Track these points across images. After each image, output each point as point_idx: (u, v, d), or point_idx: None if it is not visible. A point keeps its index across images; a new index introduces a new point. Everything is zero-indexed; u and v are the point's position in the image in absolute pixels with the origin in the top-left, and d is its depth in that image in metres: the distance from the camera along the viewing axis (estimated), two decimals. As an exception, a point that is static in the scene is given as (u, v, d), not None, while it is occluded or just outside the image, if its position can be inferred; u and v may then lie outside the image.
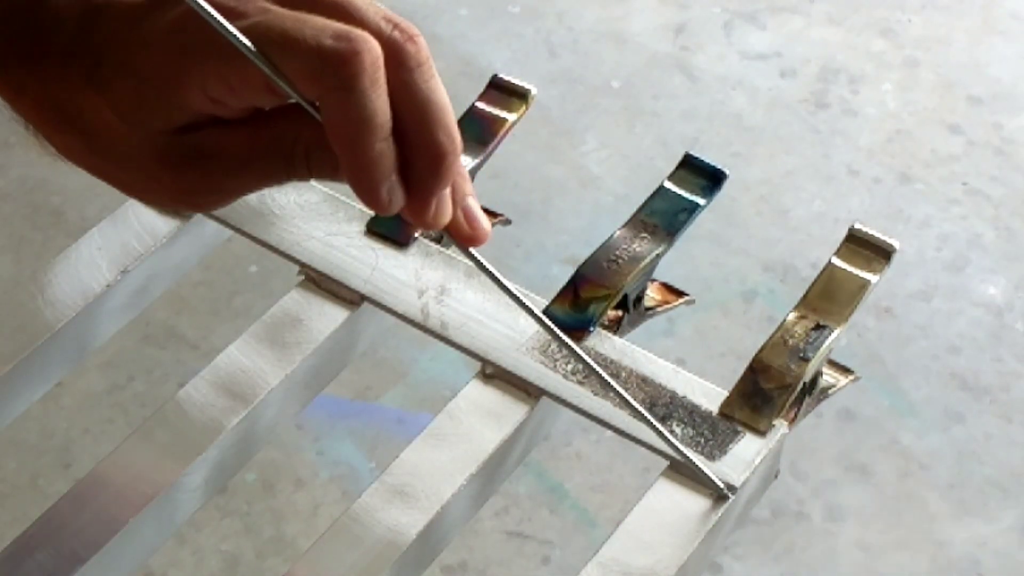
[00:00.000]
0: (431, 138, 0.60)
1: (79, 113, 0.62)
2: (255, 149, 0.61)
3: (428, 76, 0.60)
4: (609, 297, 0.88)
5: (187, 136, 0.61)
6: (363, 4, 0.60)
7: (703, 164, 0.93)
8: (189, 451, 0.82)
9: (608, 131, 2.15)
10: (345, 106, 0.58)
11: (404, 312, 0.88)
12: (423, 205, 0.61)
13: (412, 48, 0.60)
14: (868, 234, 0.89)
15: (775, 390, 0.84)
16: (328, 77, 0.58)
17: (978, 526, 1.74)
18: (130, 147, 0.62)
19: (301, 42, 0.58)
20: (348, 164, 0.59)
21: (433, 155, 0.60)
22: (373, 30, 0.59)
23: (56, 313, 0.87)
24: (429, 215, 0.61)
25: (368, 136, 0.59)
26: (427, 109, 0.60)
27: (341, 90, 0.58)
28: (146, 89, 0.60)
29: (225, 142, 0.61)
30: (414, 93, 0.60)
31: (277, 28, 0.58)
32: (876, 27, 2.31)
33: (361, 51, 0.58)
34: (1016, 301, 1.96)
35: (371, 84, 0.58)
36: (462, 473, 0.82)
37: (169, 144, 0.61)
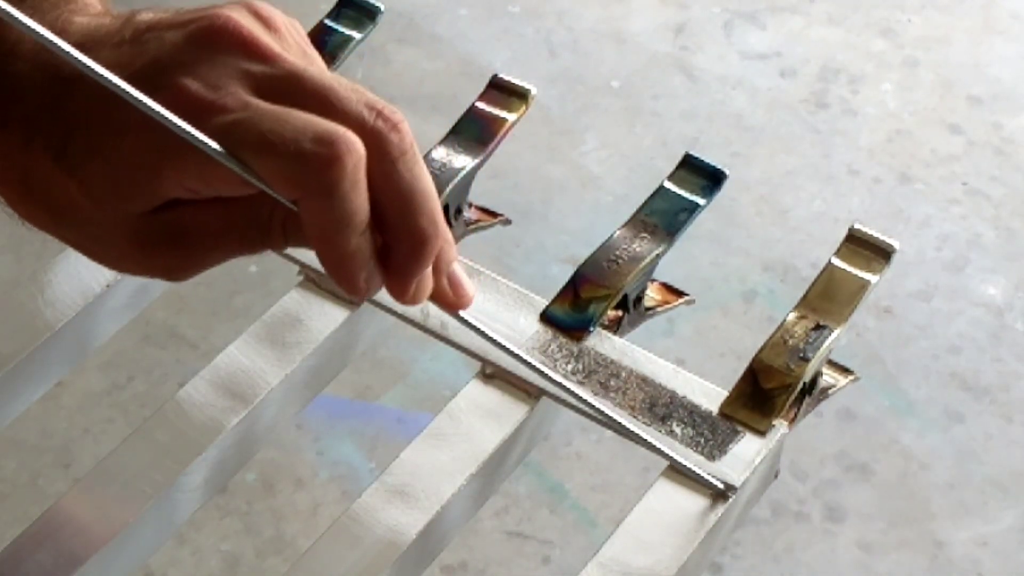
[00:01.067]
0: (413, 227, 0.60)
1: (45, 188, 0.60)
2: (231, 223, 0.60)
3: (411, 164, 0.59)
4: (609, 297, 0.88)
5: (160, 215, 0.60)
6: (345, 93, 0.59)
7: (703, 164, 0.93)
8: (189, 451, 0.82)
9: (608, 131, 2.15)
10: (325, 210, 0.57)
11: (404, 312, 0.88)
12: (403, 287, 0.61)
13: (395, 138, 0.59)
14: (868, 234, 0.89)
15: (775, 390, 0.84)
16: (308, 182, 0.57)
17: (978, 526, 1.74)
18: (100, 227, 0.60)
19: (280, 146, 0.56)
20: (325, 258, 0.59)
21: (415, 243, 0.60)
22: (355, 121, 0.58)
23: (56, 313, 0.87)
24: (409, 295, 0.61)
25: (346, 234, 0.58)
26: (410, 198, 0.59)
27: (321, 195, 0.57)
28: (119, 176, 0.58)
29: (200, 219, 0.60)
30: (396, 183, 0.59)
31: (255, 130, 0.57)
32: (876, 27, 2.31)
33: (342, 155, 0.57)
34: (1016, 301, 1.96)
35: (351, 187, 0.57)
36: (462, 473, 0.82)
37: (141, 224, 0.60)
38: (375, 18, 0.99)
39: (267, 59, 0.59)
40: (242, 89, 0.58)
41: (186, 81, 0.58)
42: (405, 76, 2.21)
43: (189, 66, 0.58)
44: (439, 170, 0.92)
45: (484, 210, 0.96)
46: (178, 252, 0.61)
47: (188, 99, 0.57)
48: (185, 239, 0.60)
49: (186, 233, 0.60)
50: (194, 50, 0.58)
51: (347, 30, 0.98)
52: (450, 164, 0.93)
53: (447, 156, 0.93)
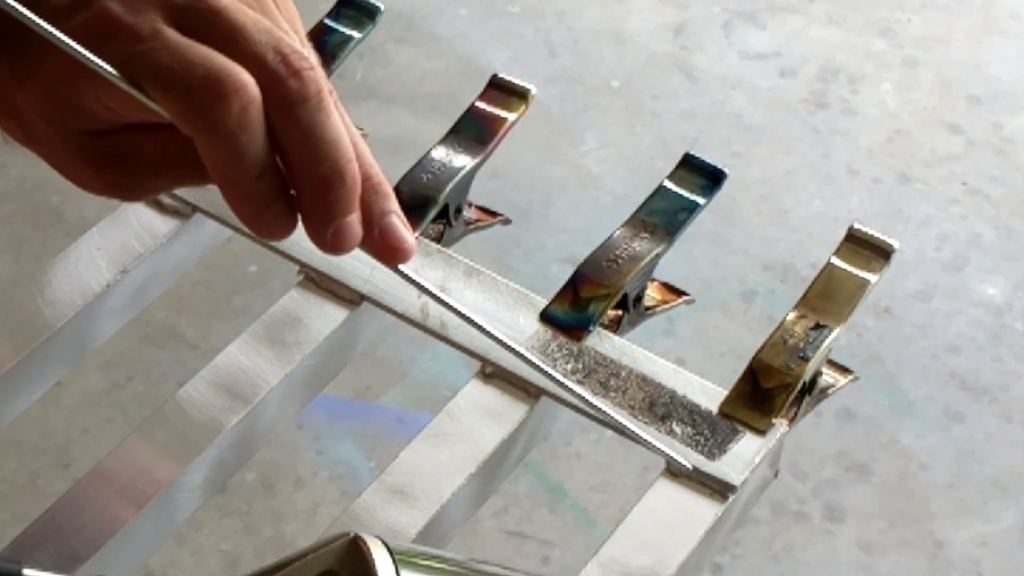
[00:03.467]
0: (313, 173, 0.60)
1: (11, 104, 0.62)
2: (169, 154, 0.62)
3: (313, 111, 0.60)
4: (609, 296, 0.88)
5: (104, 138, 0.62)
6: (255, 33, 0.60)
7: (703, 164, 0.93)
8: (189, 451, 0.82)
9: (608, 131, 2.15)
10: (213, 146, 0.59)
11: (404, 312, 0.88)
12: (318, 233, 0.61)
13: (295, 84, 0.59)
14: (867, 234, 0.89)
15: (775, 389, 0.84)
16: (195, 119, 0.58)
17: (978, 526, 1.74)
18: (54, 142, 0.62)
19: (171, 80, 0.58)
20: (225, 196, 0.60)
21: (316, 189, 0.60)
22: (256, 63, 0.59)
23: (56, 313, 0.87)
24: (326, 243, 0.61)
25: (239, 174, 0.59)
26: (309, 144, 0.60)
27: (207, 132, 0.58)
28: (54, 92, 0.61)
29: (140, 146, 0.62)
30: (295, 129, 0.60)
31: (155, 62, 0.58)
32: (876, 27, 2.31)
33: (227, 95, 0.58)
34: (1016, 301, 1.96)
35: (239, 127, 0.58)
36: (462, 473, 0.82)
37: (87, 144, 0.62)
38: (375, 18, 0.99)
39: None
40: (160, 19, 0.60)
41: (110, 4, 0.60)
42: (405, 76, 2.21)
43: None
44: (439, 170, 0.92)
45: (484, 210, 0.96)
46: (123, 174, 0.63)
47: (107, 21, 0.59)
48: (128, 162, 0.62)
49: (129, 156, 0.62)
50: None
51: (347, 30, 0.98)
52: (450, 164, 0.93)
53: (447, 156, 0.93)
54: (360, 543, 0.58)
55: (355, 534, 0.58)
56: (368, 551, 0.57)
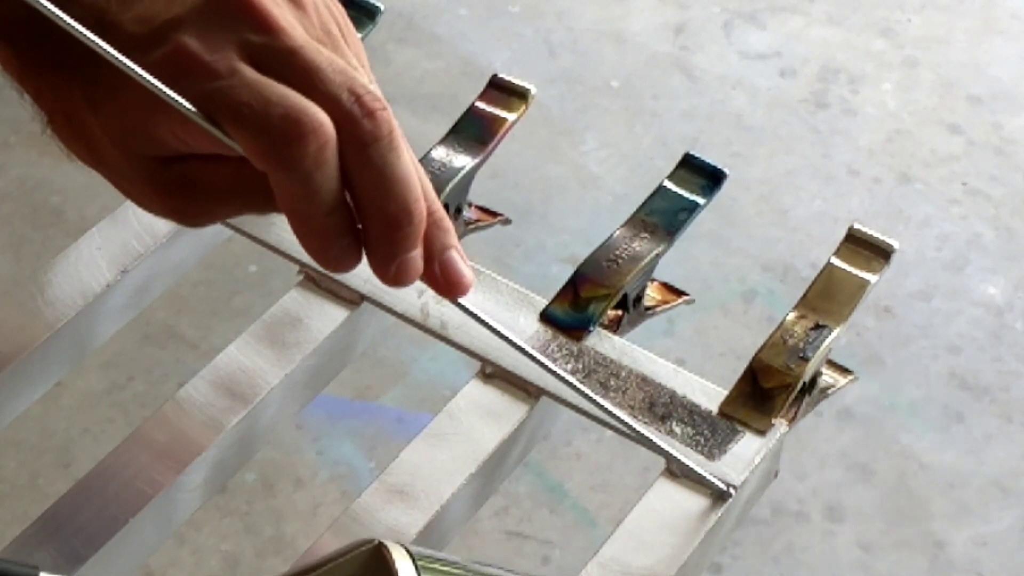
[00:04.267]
0: (383, 211, 0.61)
1: (82, 126, 0.63)
2: (238, 183, 0.63)
3: (385, 151, 0.61)
4: (609, 296, 0.88)
5: (173, 165, 0.63)
6: (330, 73, 0.61)
7: (703, 164, 0.93)
8: (189, 451, 0.82)
9: (608, 131, 2.15)
10: (288, 184, 0.60)
11: (404, 312, 0.88)
12: (382, 268, 0.63)
13: (369, 124, 0.60)
14: (867, 234, 0.89)
15: (775, 389, 0.84)
16: (272, 157, 0.59)
17: (978, 526, 1.74)
18: (122, 167, 0.63)
19: (250, 118, 0.59)
20: (295, 230, 0.61)
21: (385, 226, 0.62)
22: (332, 102, 0.60)
23: (56, 313, 0.87)
24: (389, 277, 0.63)
25: (311, 210, 0.60)
26: (380, 184, 0.61)
27: (284, 170, 0.59)
28: (126, 119, 0.62)
29: (209, 174, 0.63)
30: (367, 168, 0.61)
31: (234, 99, 0.59)
32: (876, 27, 2.31)
33: (305, 135, 0.59)
34: (1016, 301, 1.96)
35: (314, 166, 0.59)
36: (462, 473, 0.82)
37: (155, 170, 0.63)
38: (375, 18, 0.99)
39: (270, 31, 0.61)
40: (237, 56, 0.60)
41: (187, 39, 0.60)
42: (405, 76, 2.21)
43: (197, 26, 0.61)
44: (439, 170, 0.92)
45: (484, 210, 0.96)
46: (189, 201, 0.64)
47: (184, 57, 0.60)
48: (195, 190, 0.63)
49: (196, 185, 0.63)
50: (208, 12, 0.61)
51: (347, 30, 0.98)
52: (450, 164, 0.93)
53: (447, 156, 0.93)
54: (384, 550, 0.58)
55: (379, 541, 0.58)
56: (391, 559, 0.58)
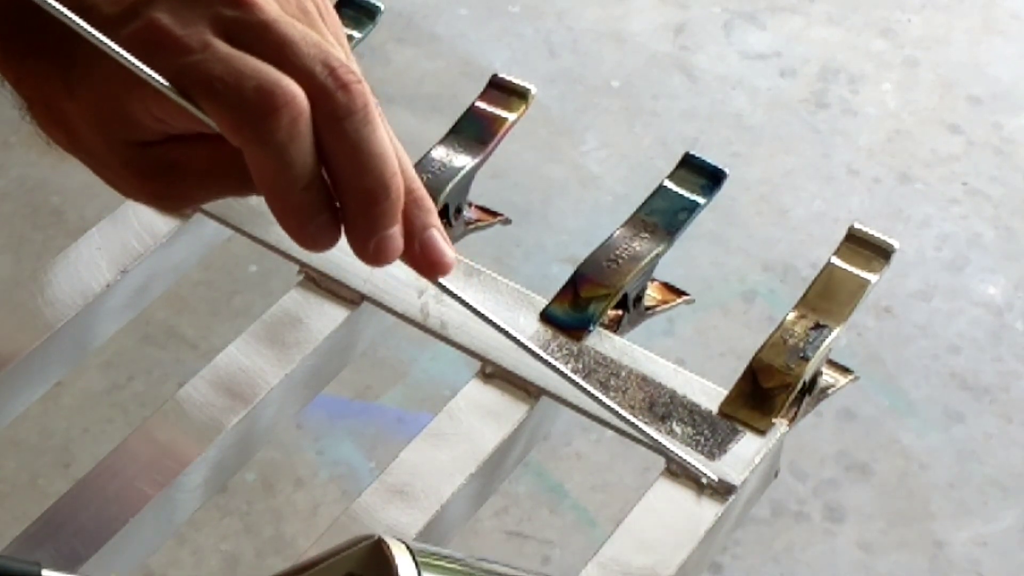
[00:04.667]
0: (359, 185, 0.61)
1: (60, 112, 0.63)
2: (216, 165, 0.62)
3: (360, 124, 0.60)
4: (609, 296, 0.88)
5: (151, 149, 0.62)
6: (304, 46, 0.60)
7: (703, 163, 0.93)
8: (189, 451, 0.82)
9: (608, 131, 2.15)
10: (262, 158, 0.59)
11: (404, 312, 0.88)
12: (360, 245, 0.62)
13: (343, 97, 0.60)
14: (868, 234, 0.89)
15: (775, 389, 0.84)
16: (245, 131, 0.59)
17: (978, 526, 1.74)
18: (101, 152, 0.63)
19: (222, 92, 0.59)
20: (271, 207, 0.61)
21: (361, 201, 0.61)
22: (305, 75, 0.60)
23: (56, 313, 0.87)
24: (368, 255, 0.62)
25: (286, 185, 0.60)
26: (355, 157, 0.60)
27: (257, 143, 0.59)
28: (101, 102, 0.61)
29: (187, 157, 0.62)
30: (342, 142, 0.60)
31: (207, 73, 0.59)
32: (876, 27, 2.31)
33: (279, 107, 0.58)
34: (1016, 301, 1.96)
35: (288, 139, 0.59)
36: (462, 473, 0.82)
37: (134, 155, 0.62)
38: (375, 17, 0.99)
39: (242, 6, 0.60)
40: (210, 31, 0.60)
41: (160, 15, 0.60)
42: (405, 76, 2.21)
43: (170, 2, 0.60)
44: (439, 170, 0.92)
45: (484, 210, 0.96)
46: (168, 185, 0.63)
47: (157, 33, 0.60)
48: (173, 173, 0.63)
49: (174, 168, 0.63)
50: None
51: (347, 29, 0.98)
52: (450, 163, 0.93)
53: (447, 156, 0.93)
54: (383, 546, 0.58)
55: (379, 537, 0.58)
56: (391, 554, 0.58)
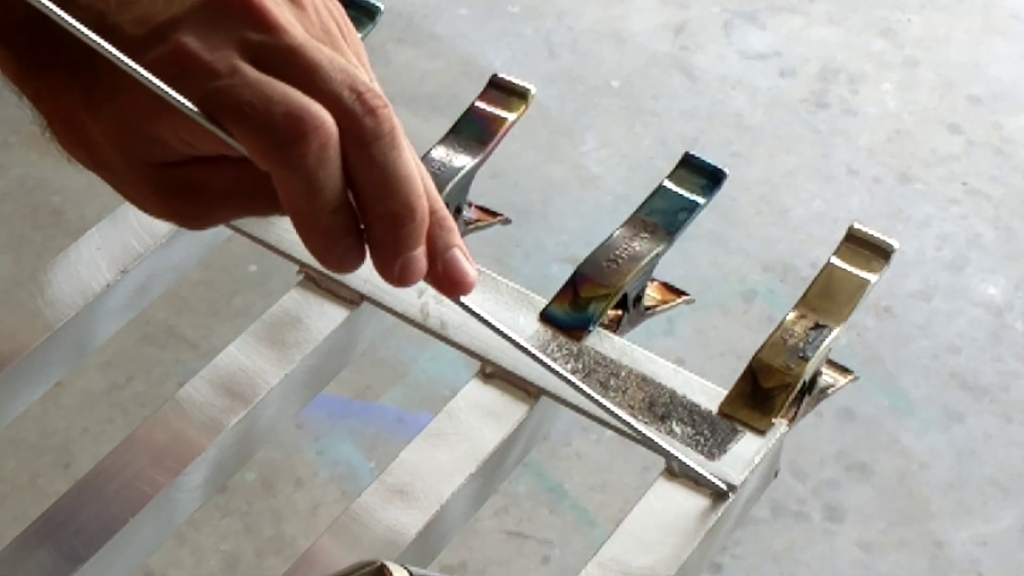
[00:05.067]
0: (385, 209, 0.61)
1: (81, 130, 0.63)
2: (239, 186, 0.62)
3: (387, 149, 0.61)
4: (609, 296, 0.88)
5: (174, 169, 0.62)
6: (331, 71, 0.61)
7: (703, 163, 0.93)
8: (189, 451, 0.82)
9: (608, 131, 2.15)
10: (291, 182, 0.59)
11: (404, 312, 0.88)
12: (386, 266, 0.62)
13: (370, 122, 0.60)
14: (867, 234, 0.89)
15: (775, 389, 0.84)
16: (274, 156, 0.59)
17: (978, 526, 1.74)
18: (123, 170, 0.63)
19: (252, 117, 0.59)
20: (298, 230, 0.61)
21: (387, 224, 0.61)
22: (333, 101, 0.60)
23: (56, 313, 0.87)
24: (393, 276, 0.63)
25: (314, 209, 0.60)
26: (382, 181, 0.61)
27: (287, 168, 0.59)
28: (126, 122, 0.61)
29: (210, 178, 0.63)
30: (369, 166, 0.60)
31: (236, 98, 0.59)
32: (876, 27, 2.31)
33: (308, 133, 0.59)
34: (1016, 301, 1.96)
35: (317, 164, 0.59)
36: (462, 473, 0.82)
37: (156, 174, 0.62)
38: (375, 17, 0.99)
39: (269, 30, 0.61)
40: (237, 55, 0.60)
41: (187, 39, 0.60)
42: (405, 76, 2.21)
43: (196, 26, 0.60)
44: (439, 170, 0.92)
45: (484, 210, 0.96)
46: (190, 204, 0.63)
47: (184, 57, 0.60)
48: (197, 193, 0.63)
49: (197, 188, 0.63)
50: (207, 12, 0.61)
51: (347, 30, 0.98)
52: (450, 164, 0.93)
53: (447, 156, 0.93)
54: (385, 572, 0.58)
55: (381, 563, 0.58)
56: None
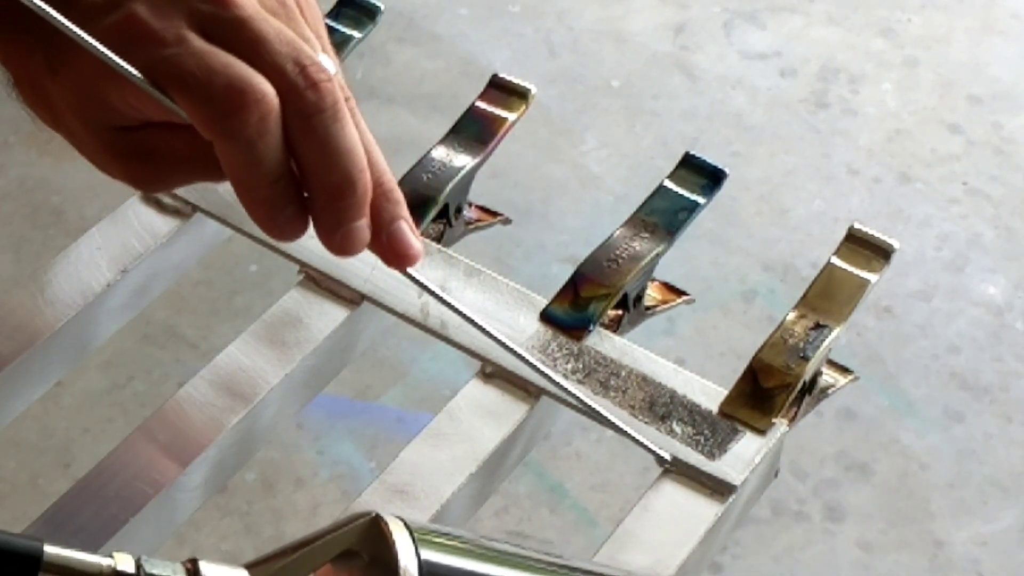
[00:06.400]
0: (326, 181, 0.62)
1: (44, 92, 0.64)
2: (193, 152, 0.64)
3: (328, 122, 0.62)
4: (609, 296, 0.88)
5: (130, 133, 0.64)
6: (277, 44, 0.62)
7: (703, 163, 0.93)
8: (189, 450, 0.82)
9: (608, 131, 2.15)
10: (231, 152, 0.61)
11: (404, 311, 0.88)
12: (327, 237, 0.63)
13: (312, 96, 0.61)
14: (868, 234, 0.89)
15: (775, 389, 0.84)
16: (215, 126, 0.60)
17: (978, 526, 1.74)
18: (81, 133, 0.64)
19: (195, 88, 0.60)
20: (240, 199, 0.62)
21: (328, 196, 0.62)
22: (277, 73, 0.61)
23: (56, 312, 0.87)
24: (335, 246, 0.64)
25: (255, 179, 0.61)
26: (323, 154, 0.62)
27: (226, 138, 0.60)
28: (82, 86, 0.63)
29: (165, 143, 0.64)
30: (311, 139, 0.62)
31: (180, 68, 0.60)
32: (876, 26, 2.31)
33: (248, 105, 0.60)
34: (1016, 301, 1.96)
35: (257, 136, 0.60)
36: (462, 472, 0.82)
37: (113, 138, 0.64)
38: (375, 17, 0.99)
39: (219, 1, 0.62)
40: (186, 25, 0.61)
41: (139, 8, 0.61)
42: (405, 76, 2.21)
43: None
44: (439, 169, 0.92)
45: (484, 209, 0.96)
46: (146, 168, 0.65)
47: (134, 25, 0.61)
48: (152, 158, 0.64)
49: (153, 153, 0.64)
50: None
51: (347, 29, 0.98)
52: (450, 163, 0.93)
53: (447, 155, 0.93)
54: (381, 523, 0.58)
55: (376, 514, 0.59)
56: (389, 531, 0.58)
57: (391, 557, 0.57)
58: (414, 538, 0.58)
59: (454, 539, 0.61)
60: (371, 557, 0.58)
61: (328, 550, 0.59)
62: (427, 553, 0.58)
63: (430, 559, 0.58)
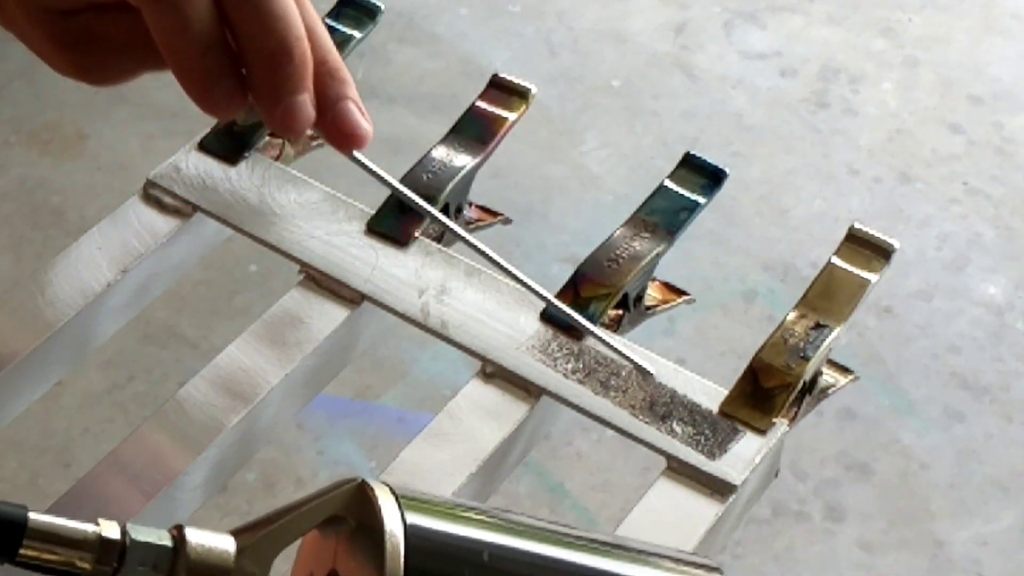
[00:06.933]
0: (261, 47, 0.60)
1: None
2: (136, 36, 0.62)
3: None
4: (609, 296, 0.88)
5: (71, 18, 0.62)
6: None
7: (703, 163, 0.93)
8: (189, 450, 0.82)
9: (608, 130, 2.15)
10: (158, 17, 0.59)
11: (404, 311, 0.88)
12: (268, 112, 0.61)
13: None
14: (868, 233, 0.89)
15: (775, 389, 0.84)
16: None
17: (978, 526, 1.74)
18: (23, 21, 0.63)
19: None
20: (174, 71, 0.60)
21: (264, 65, 0.60)
22: None
23: (56, 312, 0.87)
24: (277, 121, 0.61)
25: (185, 46, 0.59)
26: (256, 19, 0.60)
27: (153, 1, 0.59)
28: None
29: (108, 27, 0.62)
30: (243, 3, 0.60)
31: None
32: (876, 26, 2.31)
33: None
34: (1016, 301, 1.96)
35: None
36: (462, 472, 0.82)
37: (54, 24, 0.62)
38: (375, 17, 0.99)
39: None
40: None
41: None
42: (405, 75, 2.21)
43: None
44: (439, 169, 0.92)
45: (484, 209, 0.96)
46: (89, 55, 0.63)
47: None
48: (93, 44, 0.63)
49: (95, 38, 0.63)
50: None
51: (347, 29, 0.98)
52: (450, 163, 0.93)
53: (447, 155, 0.93)
54: (366, 488, 0.58)
55: (362, 479, 0.58)
56: (374, 495, 0.58)
57: (377, 522, 0.57)
58: (400, 503, 0.58)
59: (440, 504, 0.61)
60: (357, 522, 0.58)
61: (314, 515, 0.59)
62: (413, 517, 0.58)
63: (416, 523, 0.58)
